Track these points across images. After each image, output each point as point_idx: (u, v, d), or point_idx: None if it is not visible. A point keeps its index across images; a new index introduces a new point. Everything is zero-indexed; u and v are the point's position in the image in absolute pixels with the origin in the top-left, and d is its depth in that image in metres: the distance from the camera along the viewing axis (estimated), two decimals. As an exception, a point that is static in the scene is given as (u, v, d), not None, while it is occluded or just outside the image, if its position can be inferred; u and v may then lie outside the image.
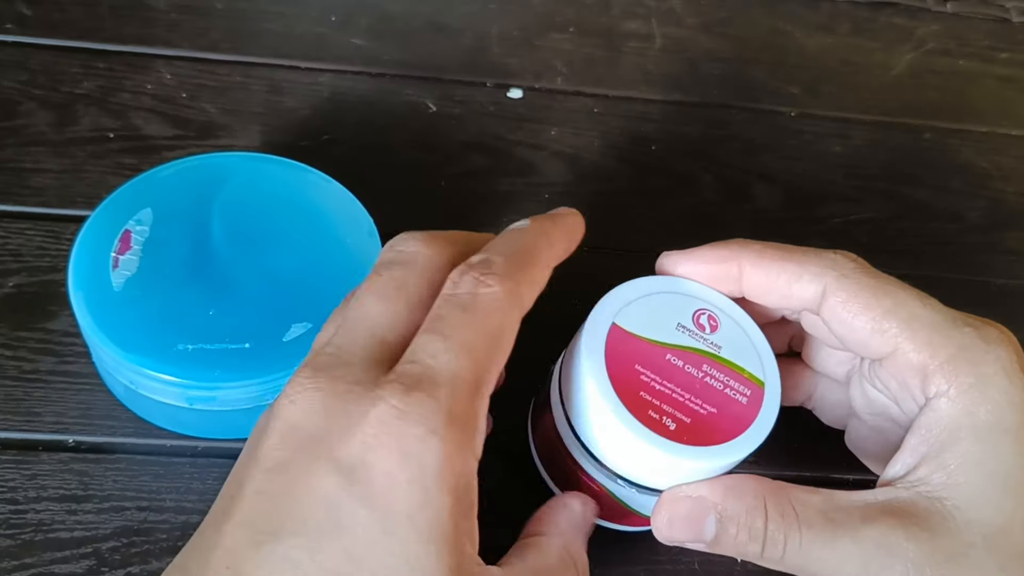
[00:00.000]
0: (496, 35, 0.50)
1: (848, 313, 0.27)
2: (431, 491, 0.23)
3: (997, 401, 0.26)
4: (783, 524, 0.26)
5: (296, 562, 0.22)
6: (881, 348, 0.27)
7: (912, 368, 0.27)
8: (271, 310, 0.33)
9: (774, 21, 0.54)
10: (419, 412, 0.23)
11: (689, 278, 0.30)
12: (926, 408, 0.27)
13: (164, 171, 0.36)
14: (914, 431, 0.27)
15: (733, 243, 0.29)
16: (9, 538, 0.31)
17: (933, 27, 0.56)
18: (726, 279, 0.29)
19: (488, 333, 0.25)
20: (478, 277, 0.26)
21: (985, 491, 0.25)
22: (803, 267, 0.28)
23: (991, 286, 0.45)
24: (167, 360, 0.31)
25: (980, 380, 0.26)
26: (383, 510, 0.22)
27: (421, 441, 0.23)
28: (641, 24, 0.53)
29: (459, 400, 0.24)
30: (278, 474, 0.23)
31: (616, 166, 0.46)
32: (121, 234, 0.34)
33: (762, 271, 0.29)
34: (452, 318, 0.25)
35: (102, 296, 0.32)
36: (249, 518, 0.23)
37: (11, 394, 0.34)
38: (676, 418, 0.27)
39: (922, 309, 0.27)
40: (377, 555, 0.22)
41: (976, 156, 0.50)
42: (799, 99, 0.51)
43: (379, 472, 0.23)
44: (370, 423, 0.23)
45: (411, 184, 0.43)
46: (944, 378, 0.26)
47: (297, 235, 0.35)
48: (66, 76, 0.44)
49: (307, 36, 0.48)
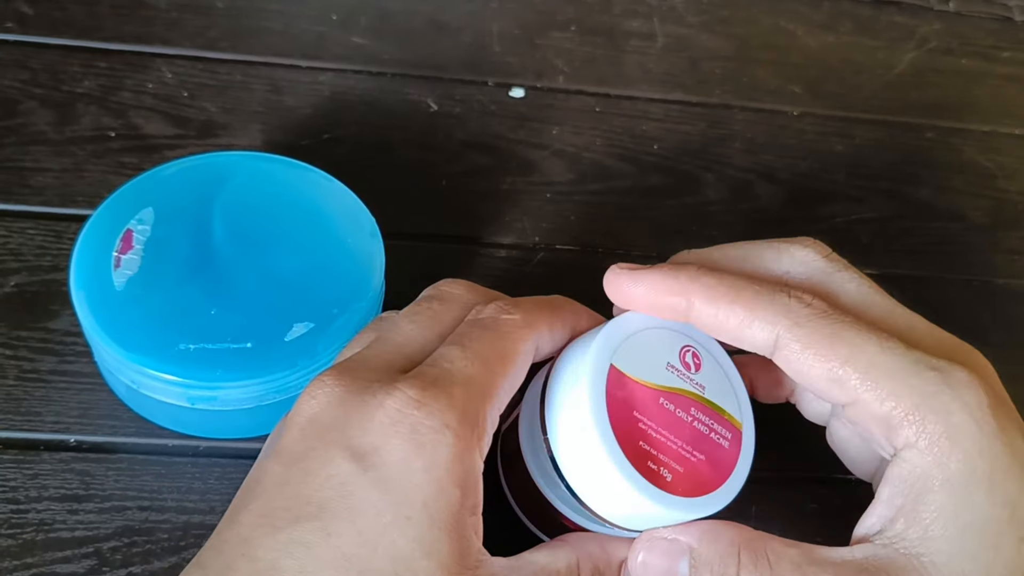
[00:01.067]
0: (497, 34, 0.50)
1: (803, 364, 0.26)
2: (443, 482, 0.24)
3: (967, 450, 0.25)
4: (755, 574, 0.25)
5: (310, 544, 0.23)
6: (841, 398, 0.26)
7: (875, 419, 0.26)
8: (273, 310, 0.33)
9: (776, 20, 0.54)
10: (435, 406, 0.24)
11: (633, 306, 0.28)
12: (896, 459, 0.26)
13: (166, 170, 0.36)
14: (887, 482, 0.26)
15: (683, 272, 0.27)
16: (10, 538, 0.31)
17: (935, 26, 0.56)
18: (673, 312, 0.27)
19: (503, 350, 0.26)
20: (502, 306, 0.28)
21: (961, 544, 0.25)
22: (753, 313, 0.26)
23: (993, 286, 0.45)
24: (169, 360, 0.31)
25: (948, 429, 0.25)
26: (397, 495, 0.23)
27: (436, 433, 0.24)
28: (643, 23, 0.53)
29: (472, 402, 0.25)
30: (295, 464, 0.24)
31: (618, 165, 0.46)
32: (123, 233, 0.34)
33: (711, 309, 0.27)
34: (472, 333, 0.27)
35: (104, 295, 0.32)
36: (267, 508, 0.24)
37: (12, 394, 0.34)
38: (671, 468, 0.26)
39: (881, 355, 0.25)
40: (392, 539, 0.23)
41: (978, 155, 0.50)
42: (801, 98, 0.51)
43: (394, 459, 0.24)
44: (387, 412, 0.24)
45: (412, 183, 0.43)
46: (912, 429, 0.25)
47: (299, 235, 0.35)
48: (66, 75, 0.44)
49: (307, 35, 0.48)
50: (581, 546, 0.28)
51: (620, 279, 0.28)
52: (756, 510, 0.35)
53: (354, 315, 0.33)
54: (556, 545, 0.28)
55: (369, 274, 0.34)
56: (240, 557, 0.23)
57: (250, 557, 0.23)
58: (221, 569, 0.24)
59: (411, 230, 0.41)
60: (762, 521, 0.35)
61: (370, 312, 0.34)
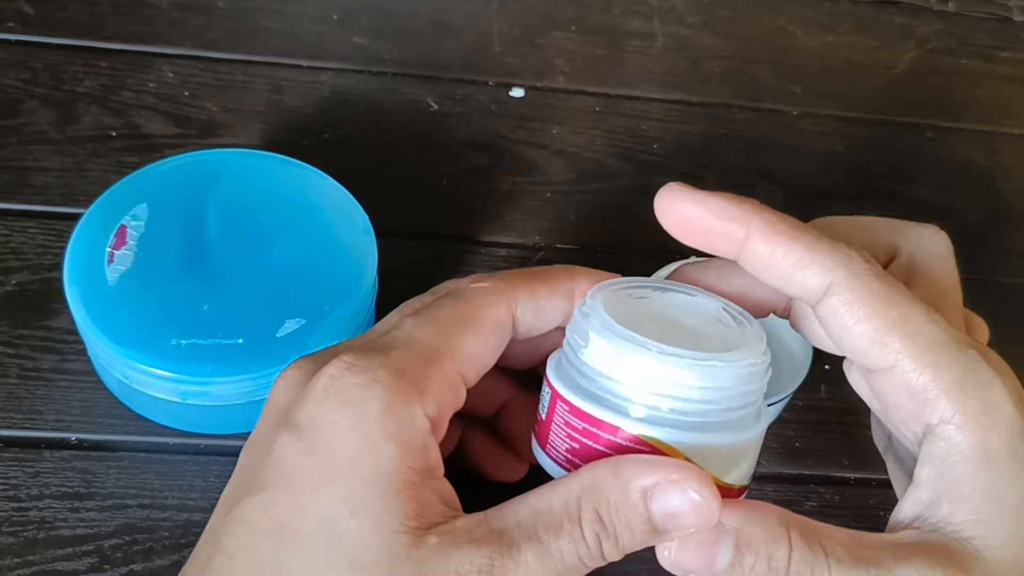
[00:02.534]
0: (497, 34, 0.50)
1: (850, 317, 0.25)
2: (373, 437, 0.23)
3: (1008, 427, 0.24)
4: (809, 556, 0.23)
5: (249, 520, 0.23)
6: (878, 362, 0.25)
7: (909, 390, 0.25)
8: (265, 306, 0.33)
9: (776, 20, 0.54)
10: (366, 365, 0.24)
11: (685, 227, 0.26)
12: (932, 437, 0.25)
13: (160, 167, 0.36)
14: (924, 463, 0.25)
15: (747, 202, 0.26)
16: (12, 535, 0.31)
17: (935, 26, 0.56)
18: (726, 240, 0.26)
19: (461, 314, 0.26)
20: (473, 278, 0.27)
21: (1011, 527, 0.24)
22: (813, 255, 0.25)
23: (992, 285, 0.45)
24: (160, 355, 0.31)
25: (988, 406, 0.24)
26: (325, 458, 0.23)
27: (363, 388, 0.23)
28: (643, 23, 0.53)
29: (412, 360, 0.24)
30: (254, 449, 0.25)
31: (618, 165, 0.46)
32: (117, 229, 0.34)
33: (768, 245, 0.25)
34: (434, 303, 0.26)
35: (97, 291, 0.32)
36: (227, 495, 0.25)
37: (13, 392, 0.34)
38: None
39: (928, 326, 0.25)
40: (321, 502, 0.23)
41: (977, 155, 0.50)
42: (801, 98, 0.51)
43: (325, 423, 0.23)
44: (322, 380, 0.24)
45: (412, 183, 0.43)
46: (949, 404, 0.24)
47: (292, 231, 0.35)
48: (68, 74, 0.44)
49: (308, 35, 0.48)
50: (588, 476, 0.24)
51: (675, 197, 0.26)
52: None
53: (346, 311, 0.33)
54: (556, 482, 0.24)
55: (362, 271, 0.34)
56: (203, 545, 0.24)
57: (209, 542, 0.24)
58: (192, 559, 0.24)
59: (411, 229, 0.42)
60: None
61: (362, 309, 0.34)
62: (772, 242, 0.25)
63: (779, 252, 0.25)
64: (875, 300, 0.25)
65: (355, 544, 0.22)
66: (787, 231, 0.25)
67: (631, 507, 0.23)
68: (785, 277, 0.26)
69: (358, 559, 0.22)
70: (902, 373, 0.25)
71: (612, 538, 0.23)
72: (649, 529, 0.23)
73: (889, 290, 0.25)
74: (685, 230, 0.26)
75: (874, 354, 0.25)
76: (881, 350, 0.25)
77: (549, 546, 0.23)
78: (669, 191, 0.26)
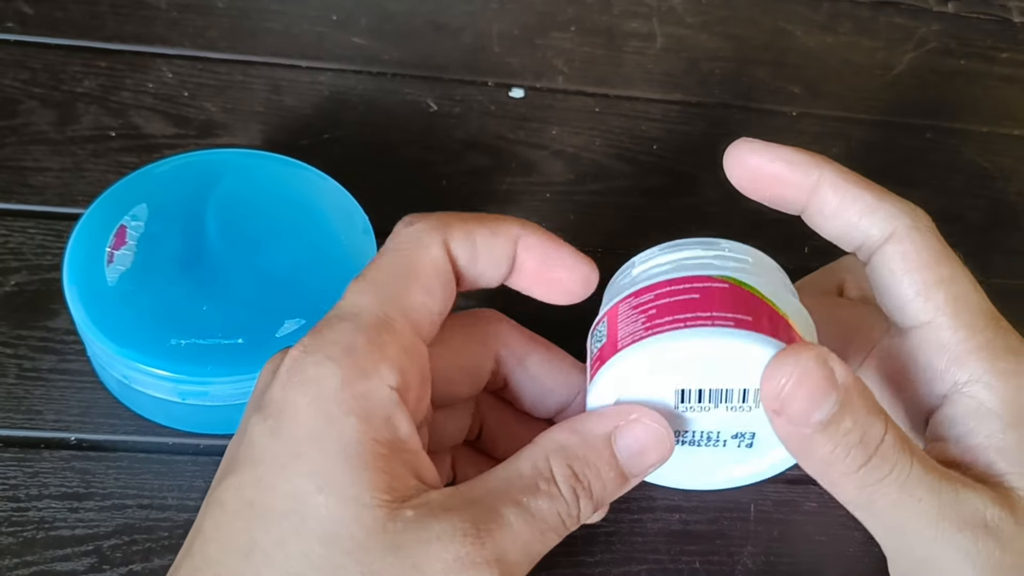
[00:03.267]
0: (497, 34, 0.50)
1: (903, 266, 0.26)
2: (333, 413, 0.23)
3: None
4: (899, 446, 0.24)
5: (223, 502, 0.24)
6: (918, 315, 0.26)
7: (942, 346, 0.26)
8: (264, 306, 0.33)
9: (775, 20, 0.54)
10: (318, 344, 0.24)
11: (755, 177, 0.27)
12: (959, 396, 0.26)
13: (160, 167, 0.36)
14: (955, 423, 0.26)
15: (816, 154, 0.27)
16: (11, 536, 0.31)
17: (934, 27, 0.56)
18: (796, 188, 0.27)
19: (399, 269, 0.26)
20: (405, 220, 0.27)
21: None
22: (880, 203, 0.27)
23: (991, 286, 0.44)
24: (160, 355, 0.31)
25: (1019, 367, 0.25)
26: (288, 436, 0.23)
27: (318, 366, 0.24)
28: (642, 23, 0.53)
29: (361, 332, 0.24)
30: (236, 437, 0.25)
31: (617, 165, 0.46)
32: (116, 229, 0.34)
33: (839, 192, 0.27)
34: (373, 262, 0.26)
35: (96, 291, 0.32)
36: (213, 484, 0.25)
37: (12, 392, 0.34)
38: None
39: (972, 291, 0.26)
40: (287, 478, 0.23)
41: (977, 156, 0.50)
42: (800, 99, 0.51)
43: (287, 404, 0.24)
44: (285, 363, 0.24)
45: (412, 183, 0.43)
46: (980, 363, 0.25)
47: (291, 231, 0.35)
48: (67, 75, 0.44)
49: (307, 35, 0.48)
50: (548, 440, 0.25)
51: (747, 148, 0.27)
52: (756, 509, 0.35)
53: (347, 312, 0.33)
54: (518, 453, 0.25)
55: (361, 271, 0.34)
56: (190, 533, 0.25)
57: (193, 529, 0.25)
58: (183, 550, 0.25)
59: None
60: (762, 521, 0.35)
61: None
62: (842, 189, 0.27)
63: (848, 198, 0.27)
64: (929, 254, 0.26)
65: (324, 518, 0.22)
66: (857, 180, 0.27)
67: (598, 455, 0.25)
68: (851, 223, 0.27)
69: (328, 533, 0.22)
70: (937, 329, 0.26)
71: (587, 491, 0.24)
72: (616, 475, 0.25)
73: (945, 249, 0.27)
74: (754, 182, 0.28)
75: (917, 306, 0.26)
76: (924, 303, 0.26)
77: (529, 506, 0.24)
78: (741, 143, 0.28)
